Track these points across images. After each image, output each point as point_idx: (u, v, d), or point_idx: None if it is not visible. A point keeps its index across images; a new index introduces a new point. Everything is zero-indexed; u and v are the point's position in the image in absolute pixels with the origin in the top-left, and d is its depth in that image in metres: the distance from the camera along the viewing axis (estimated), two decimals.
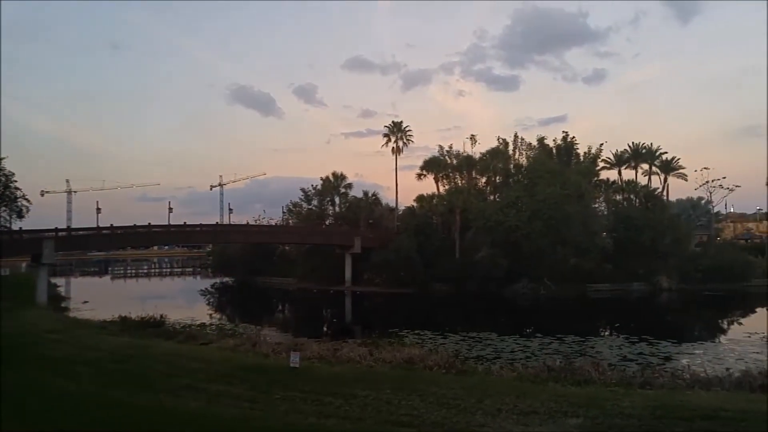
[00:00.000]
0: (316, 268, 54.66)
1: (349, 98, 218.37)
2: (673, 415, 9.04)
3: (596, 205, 55.96)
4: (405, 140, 60.56)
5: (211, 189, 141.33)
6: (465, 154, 60.02)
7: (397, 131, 60.47)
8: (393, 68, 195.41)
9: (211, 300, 50.80)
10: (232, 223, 63.18)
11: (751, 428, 8.31)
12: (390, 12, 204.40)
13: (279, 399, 10.16)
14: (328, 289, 51.08)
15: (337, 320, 40.05)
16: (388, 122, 62.05)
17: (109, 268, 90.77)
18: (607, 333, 31.30)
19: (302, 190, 63.40)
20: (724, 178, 62.71)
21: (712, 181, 62.28)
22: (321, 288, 51.63)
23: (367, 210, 59.78)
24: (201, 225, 54.84)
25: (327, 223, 62.39)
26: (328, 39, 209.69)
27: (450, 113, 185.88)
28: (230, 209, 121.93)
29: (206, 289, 58.14)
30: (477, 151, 60.33)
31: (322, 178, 62.74)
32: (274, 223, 68.77)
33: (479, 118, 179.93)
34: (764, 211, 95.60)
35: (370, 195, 61.50)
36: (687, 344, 24.69)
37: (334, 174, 62.41)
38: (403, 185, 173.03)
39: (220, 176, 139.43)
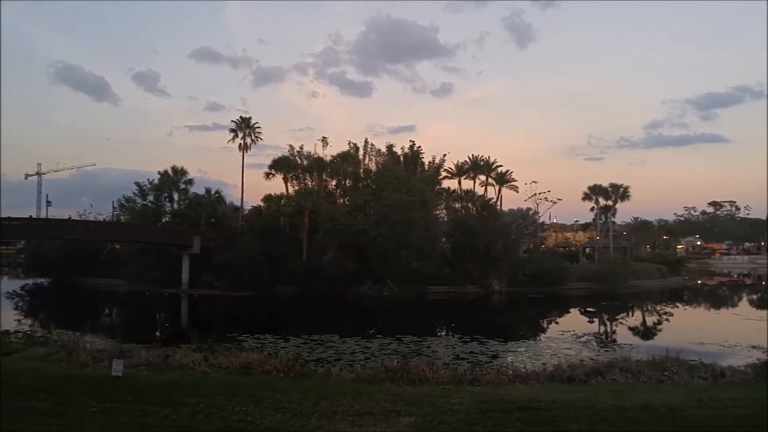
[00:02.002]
0: (149, 269, 50.67)
1: (195, 90, 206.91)
2: (494, 408, 9.64)
3: (438, 212, 58.95)
4: (254, 137, 58.93)
5: (26, 178, 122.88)
6: (316, 156, 59.99)
7: (245, 127, 58.59)
8: (244, 63, 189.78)
9: (21, 304, 45.13)
10: (51, 217, 56.50)
11: (559, 416, 9.09)
12: (243, 4, 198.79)
13: (96, 411, 9.19)
14: (162, 292, 47.68)
15: (171, 324, 37.52)
16: (237, 117, 59.82)
17: None
18: (443, 333, 32.93)
19: (137, 184, 58.66)
20: (549, 191, 70.12)
21: (539, 193, 69.32)
22: (154, 290, 48.01)
23: (210, 208, 56.97)
24: (10, 218, 48.43)
25: (164, 220, 58.46)
26: (175, 25, 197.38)
27: (302, 114, 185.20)
28: (48, 202, 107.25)
29: (15, 291, 51.47)
30: (328, 153, 60.70)
31: (160, 172, 58.66)
32: (102, 219, 63.17)
33: (331, 121, 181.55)
34: (580, 222, 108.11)
35: (213, 192, 58.82)
36: (512, 343, 26.67)
37: (173, 168, 58.69)
38: (250, 184, 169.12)
39: (39, 164, 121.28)
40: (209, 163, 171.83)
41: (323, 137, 61.64)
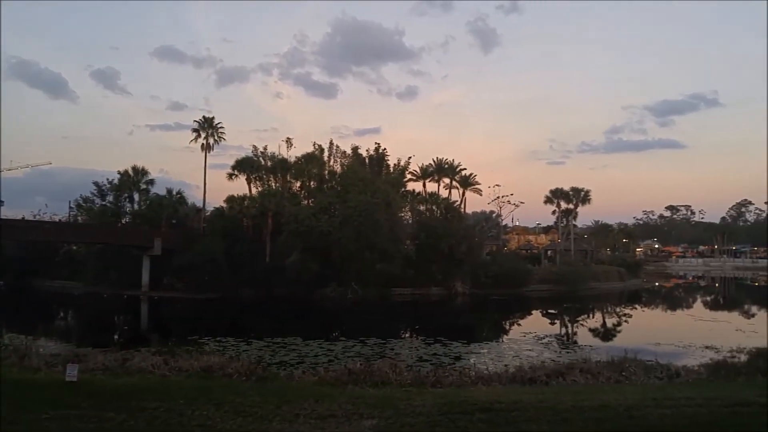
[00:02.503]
0: (108, 271, 49.37)
1: (157, 88, 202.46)
2: (456, 410, 9.67)
3: (402, 214, 59.09)
4: (216, 137, 57.99)
5: None
6: (280, 157, 59.40)
7: (208, 127, 57.62)
8: (207, 62, 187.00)
9: None
10: (3, 217, 54.04)
11: (520, 417, 9.18)
12: (207, 3, 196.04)
13: (49, 419, 8.85)
14: (121, 294, 46.48)
15: (130, 327, 36.46)
16: (200, 117, 58.77)
17: None
18: (407, 335, 33.00)
19: (95, 184, 57.13)
20: (512, 194, 71.19)
21: (502, 197, 70.30)
22: (113, 293, 46.77)
23: (171, 209, 55.79)
24: None
25: (124, 221, 57.01)
26: (136, 22, 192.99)
27: (267, 114, 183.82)
28: (1, 201, 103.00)
29: None
30: (293, 154, 60.22)
31: (120, 172, 57.22)
32: (58, 220, 61.20)
33: (296, 122, 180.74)
34: (542, 225, 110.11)
35: (174, 193, 57.62)
36: (475, 344, 26.87)
37: (134, 168, 57.32)
38: (213, 185, 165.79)
39: None
40: (171, 164, 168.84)
41: (287, 138, 61.34)
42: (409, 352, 24.06)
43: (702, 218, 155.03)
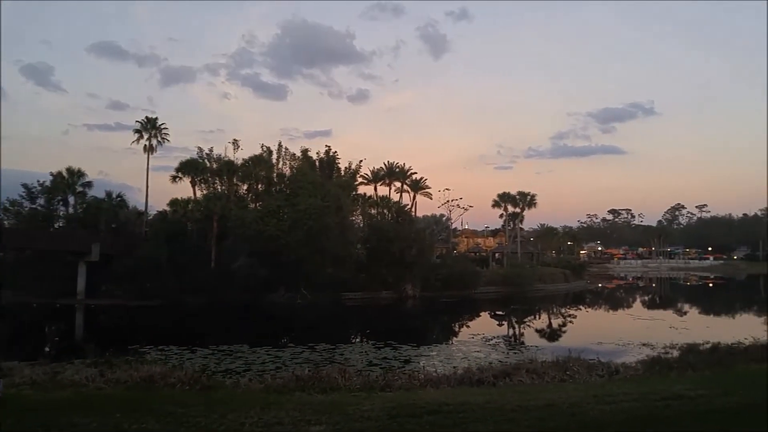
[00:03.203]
0: (39, 278, 46.33)
1: (96, 86, 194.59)
2: (405, 413, 9.63)
3: (353, 218, 58.96)
4: (160, 139, 56.21)
5: None
6: (226, 159, 58.06)
7: (151, 128, 55.78)
8: (151, 60, 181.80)
9: None
10: None
11: (468, 418, 9.22)
12: (151, 1, 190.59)
13: None
14: (53, 303, 43.99)
15: (63, 338, 34.45)
16: (142, 117, 56.89)
17: None
18: (357, 339, 32.81)
19: (24, 186, 54.31)
20: (461, 198, 72.27)
21: (452, 200, 71.19)
22: (44, 301, 44.11)
23: (110, 213, 53.63)
24: None
25: (57, 226, 54.41)
26: (72, 15, 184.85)
27: (214, 115, 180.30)
28: None
29: None
30: (240, 156, 58.88)
31: (52, 174, 54.69)
32: None
33: (244, 124, 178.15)
34: (490, 228, 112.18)
35: (114, 196, 55.51)
36: (425, 347, 26.94)
37: (68, 170, 54.80)
38: (156, 188, 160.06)
39: None
40: (111, 165, 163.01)
41: (234, 140, 59.95)
42: (359, 357, 23.89)
43: (641, 221, 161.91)
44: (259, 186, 57.87)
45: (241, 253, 46.61)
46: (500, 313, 46.54)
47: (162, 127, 56.49)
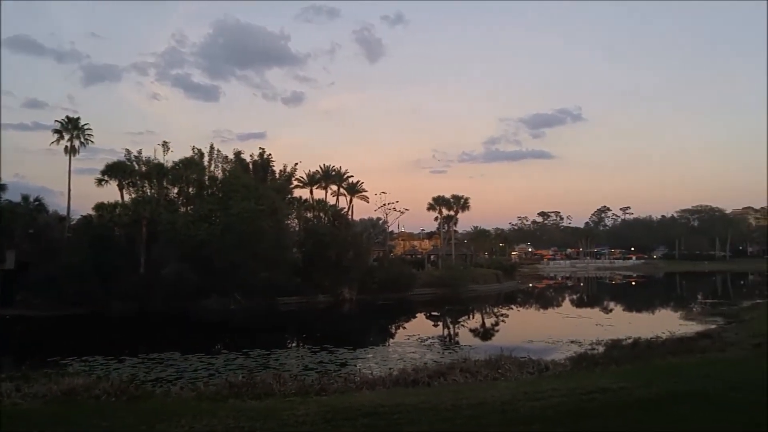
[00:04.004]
0: None
1: (8, 83, 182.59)
2: (340, 416, 9.60)
3: (289, 222, 58.25)
4: (83, 139, 53.45)
5: None
6: (156, 162, 55.96)
7: (72, 128, 52.93)
8: (72, 57, 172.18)
9: None
10: None
11: (403, 419, 9.30)
12: None
13: None
14: None
15: None
16: (63, 117, 53.87)
17: None
18: (293, 344, 32.48)
19: None
20: (397, 201, 72.84)
21: (388, 204, 71.62)
22: None
23: (27, 218, 50.39)
24: None
25: None
26: None
27: (143, 116, 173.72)
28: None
29: None
30: (170, 159, 56.85)
31: None
32: None
33: (175, 125, 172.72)
34: (426, 231, 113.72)
35: (32, 200, 52.34)
36: (361, 350, 26.97)
37: None
38: (79, 191, 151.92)
39: None
40: (28, 167, 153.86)
41: (164, 142, 57.77)
42: (294, 362, 23.68)
43: (569, 223, 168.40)
44: (191, 189, 56.05)
45: (172, 258, 45.09)
46: (435, 313, 47.22)
47: (85, 127, 53.78)
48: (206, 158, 58.80)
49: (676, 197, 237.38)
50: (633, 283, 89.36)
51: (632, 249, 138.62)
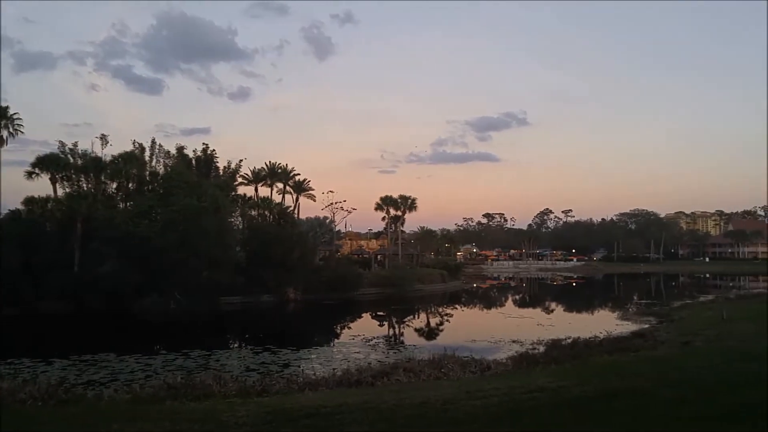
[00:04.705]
0: None
1: None
2: (281, 417, 9.45)
3: (233, 220, 57.06)
4: (13, 130, 50.30)
5: None
6: (93, 155, 53.61)
7: (1, 118, 50.12)
8: (2, 42, 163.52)
9: None
10: None
11: (345, 419, 9.22)
12: None
13: None
14: None
15: None
16: None
17: None
18: (236, 345, 31.84)
19: None
20: (345, 201, 72.49)
21: (336, 203, 71.20)
22: None
23: None
24: None
25: None
26: None
27: (80, 108, 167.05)
28: None
29: None
30: (109, 152, 54.63)
31: None
32: None
33: (115, 118, 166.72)
34: (374, 231, 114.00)
35: None
36: (305, 350, 26.74)
37: None
38: (8, 185, 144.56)
39: None
40: None
41: (103, 134, 55.42)
42: (236, 363, 23.20)
43: (513, 225, 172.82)
44: (131, 185, 54.11)
45: (109, 256, 43.34)
46: (381, 313, 47.36)
47: (14, 117, 50.72)
48: (147, 153, 56.93)
49: (616, 201, 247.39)
50: (573, 284, 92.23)
51: (573, 251, 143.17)
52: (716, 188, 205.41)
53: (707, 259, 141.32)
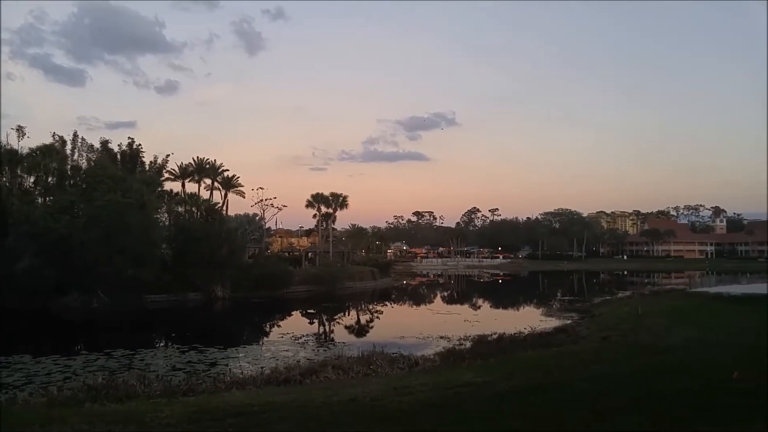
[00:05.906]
0: None
1: None
2: (207, 417, 9.44)
3: (158, 216, 55.24)
4: None
5: None
6: (9, 147, 50.61)
7: None
8: None
9: None
10: None
11: (272, 418, 9.33)
12: None
13: None
14: None
15: None
16: None
17: None
18: (161, 344, 30.95)
19: None
20: (275, 198, 71.70)
21: (266, 200, 70.27)
22: None
23: None
24: None
25: None
26: None
27: None
28: None
29: None
30: (26, 145, 51.68)
31: None
32: None
33: (33, 109, 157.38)
34: (305, 228, 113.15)
35: None
36: (232, 349, 26.30)
37: None
38: None
39: None
40: None
41: (19, 126, 52.42)
42: (161, 362, 22.61)
43: (442, 223, 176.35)
44: (50, 179, 51.44)
45: (26, 252, 41.01)
46: (311, 311, 47.23)
47: None
48: (69, 146, 54.32)
49: (541, 200, 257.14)
50: (500, 281, 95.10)
51: (499, 248, 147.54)
52: (634, 189, 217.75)
53: (625, 257, 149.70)
